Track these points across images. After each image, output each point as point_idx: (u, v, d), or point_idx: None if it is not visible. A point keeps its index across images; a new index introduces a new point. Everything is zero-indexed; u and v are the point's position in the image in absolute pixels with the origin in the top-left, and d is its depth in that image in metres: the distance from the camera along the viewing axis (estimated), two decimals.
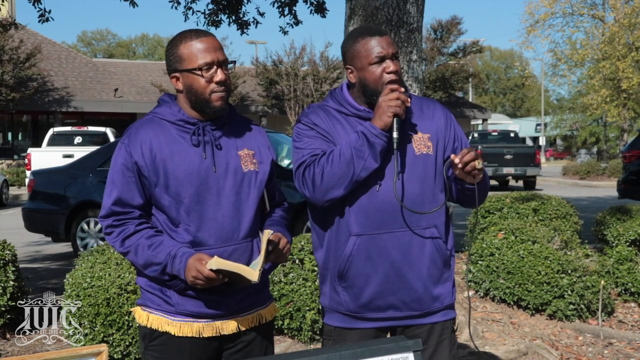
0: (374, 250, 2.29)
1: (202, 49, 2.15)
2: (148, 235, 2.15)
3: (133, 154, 2.16)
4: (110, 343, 4.18)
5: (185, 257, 2.08)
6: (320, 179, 2.25)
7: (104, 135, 17.64)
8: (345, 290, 2.35)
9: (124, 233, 2.16)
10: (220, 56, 2.17)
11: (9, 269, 4.93)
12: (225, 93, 2.19)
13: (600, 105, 29.03)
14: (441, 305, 2.38)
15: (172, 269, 2.10)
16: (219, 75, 2.16)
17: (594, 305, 5.21)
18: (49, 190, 8.78)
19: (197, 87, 2.16)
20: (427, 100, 2.51)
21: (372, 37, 2.31)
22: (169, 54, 2.21)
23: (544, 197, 7.70)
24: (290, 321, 4.50)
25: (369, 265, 2.30)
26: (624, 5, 27.58)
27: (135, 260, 2.16)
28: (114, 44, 76.58)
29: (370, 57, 2.30)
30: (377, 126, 2.24)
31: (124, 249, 2.16)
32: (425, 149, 2.34)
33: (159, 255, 2.11)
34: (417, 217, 2.29)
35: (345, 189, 2.25)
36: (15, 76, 24.24)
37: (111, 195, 2.19)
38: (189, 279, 2.06)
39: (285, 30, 9.24)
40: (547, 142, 54.14)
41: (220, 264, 2.02)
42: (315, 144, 2.32)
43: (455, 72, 31.31)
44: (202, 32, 2.20)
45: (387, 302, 2.32)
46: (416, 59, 4.88)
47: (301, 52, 28.04)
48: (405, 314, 2.34)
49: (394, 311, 2.33)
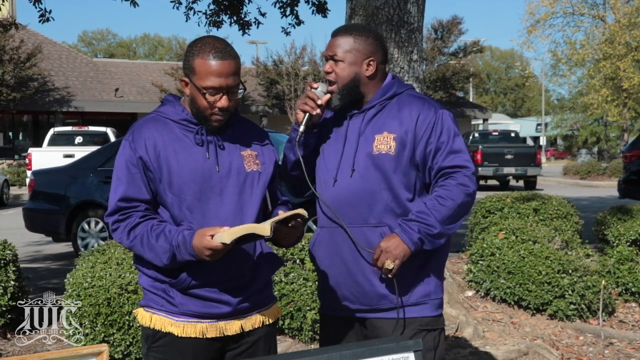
0: (330, 242, 2.42)
1: (215, 72, 2.11)
2: (152, 225, 2.13)
3: (138, 149, 2.15)
4: (110, 343, 4.18)
5: (189, 240, 2.05)
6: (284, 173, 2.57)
7: (105, 135, 17.65)
8: (318, 277, 2.53)
9: (129, 225, 2.15)
10: (231, 82, 2.13)
11: (10, 268, 4.93)
12: (224, 118, 2.18)
13: (601, 104, 29.03)
14: (391, 304, 2.34)
15: (182, 257, 2.08)
16: (222, 102, 2.14)
17: (594, 305, 5.21)
18: (49, 190, 8.79)
19: (199, 104, 2.16)
20: (415, 99, 2.43)
21: (331, 38, 2.48)
22: (186, 57, 2.18)
23: (544, 197, 7.69)
24: (290, 321, 4.50)
25: (327, 256, 2.44)
26: (625, 5, 27.57)
27: (143, 252, 2.13)
28: (115, 43, 76.58)
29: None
30: (294, 121, 2.46)
31: (130, 242, 2.14)
32: (385, 149, 2.35)
33: (163, 245, 2.09)
34: (366, 214, 2.35)
35: (289, 182, 2.57)
36: (15, 76, 24.25)
37: (117, 192, 2.18)
38: (205, 258, 2.04)
39: (287, 31, 9.24)
40: (547, 142, 54.14)
41: (233, 234, 1.99)
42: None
43: (455, 72, 31.30)
44: (221, 52, 2.12)
45: (342, 293, 2.42)
46: (417, 59, 4.88)
47: (302, 52, 28.06)
48: (357, 307, 2.41)
49: (348, 302, 2.42)
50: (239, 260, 2.18)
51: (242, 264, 2.20)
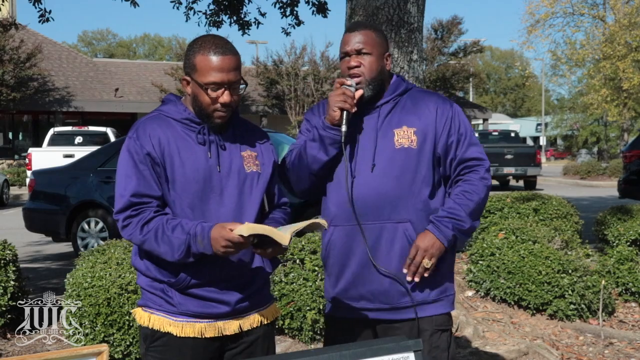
0: (347, 241, 2.37)
1: (216, 67, 2.11)
2: (167, 218, 2.11)
3: (144, 145, 2.14)
4: (110, 343, 4.18)
5: (207, 231, 2.04)
6: (289, 173, 2.46)
7: (105, 135, 17.64)
8: (328, 277, 2.47)
9: (143, 219, 2.11)
10: (233, 77, 2.14)
11: (10, 268, 4.93)
12: (227, 114, 2.18)
13: (601, 104, 29.03)
14: (411, 302, 2.35)
15: (197, 248, 2.05)
16: (225, 98, 2.14)
17: (594, 305, 5.21)
18: (49, 190, 8.78)
19: (202, 101, 2.16)
20: (431, 94, 2.49)
21: (346, 34, 2.42)
22: (187, 56, 2.19)
23: (544, 196, 7.70)
24: (290, 321, 4.50)
25: (344, 255, 2.38)
26: (625, 5, 27.57)
27: (156, 246, 2.09)
28: (115, 43, 76.59)
29: (340, 52, 2.44)
30: (326, 120, 2.33)
31: (143, 236, 2.10)
32: (407, 143, 2.35)
33: (180, 236, 2.06)
34: (388, 210, 2.32)
35: (307, 182, 2.41)
36: (15, 76, 24.23)
37: (127, 188, 2.12)
38: (220, 250, 2.02)
39: (287, 31, 9.25)
40: (547, 142, 54.17)
41: (252, 229, 1.97)
42: (302, 139, 2.46)
43: (455, 72, 31.29)
44: (221, 48, 2.14)
45: (359, 293, 2.38)
46: (417, 59, 4.88)
47: (302, 52, 28.02)
48: (375, 306, 2.37)
49: (365, 302, 2.38)
50: (237, 260, 2.18)
51: (240, 264, 2.20)
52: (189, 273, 2.14)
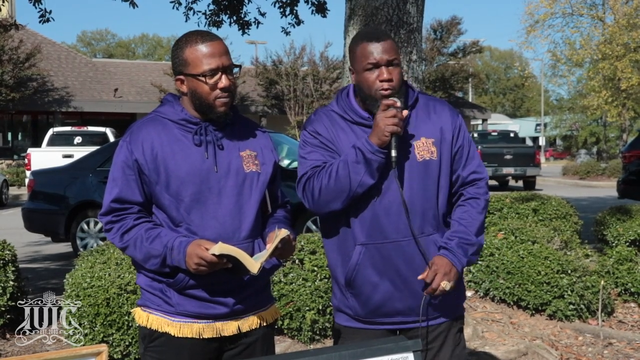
0: (379, 259, 2.30)
1: (207, 54, 2.13)
2: (146, 228, 2.15)
3: (134, 151, 2.15)
4: (110, 343, 4.18)
5: (183, 246, 2.07)
6: (318, 193, 2.27)
7: (104, 135, 17.63)
8: (353, 297, 2.37)
9: (123, 228, 2.16)
10: (226, 61, 2.15)
11: (9, 269, 4.93)
12: (229, 99, 2.18)
13: (601, 106, 29.03)
14: (440, 312, 2.38)
15: (172, 260, 2.09)
16: (223, 82, 2.14)
17: (593, 306, 5.21)
18: (48, 191, 8.78)
19: (201, 92, 2.16)
20: (436, 101, 2.45)
21: (369, 43, 2.27)
22: (175, 56, 2.20)
23: (543, 197, 7.70)
24: (290, 321, 4.50)
25: (376, 273, 2.31)
26: (624, 6, 27.58)
27: (135, 254, 2.16)
28: (114, 44, 76.56)
29: (364, 62, 2.27)
30: (374, 143, 2.21)
31: (123, 244, 2.17)
32: (428, 155, 2.31)
33: (157, 247, 2.10)
34: (420, 224, 2.30)
35: (343, 203, 2.27)
36: (15, 76, 24.21)
37: (111, 193, 2.18)
38: (192, 267, 2.05)
39: (287, 31, 9.25)
40: (546, 142, 54.15)
41: (224, 249, 2.01)
42: (317, 154, 2.32)
43: (455, 72, 31.32)
44: (208, 36, 2.17)
45: (395, 309, 2.34)
46: (416, 59, 4.88)
47: (301, 52, 28.03)
48: (413, 319, 2.35)
49: (402, 317, 2.35)
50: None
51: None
52: (188, 274, 2.13)
